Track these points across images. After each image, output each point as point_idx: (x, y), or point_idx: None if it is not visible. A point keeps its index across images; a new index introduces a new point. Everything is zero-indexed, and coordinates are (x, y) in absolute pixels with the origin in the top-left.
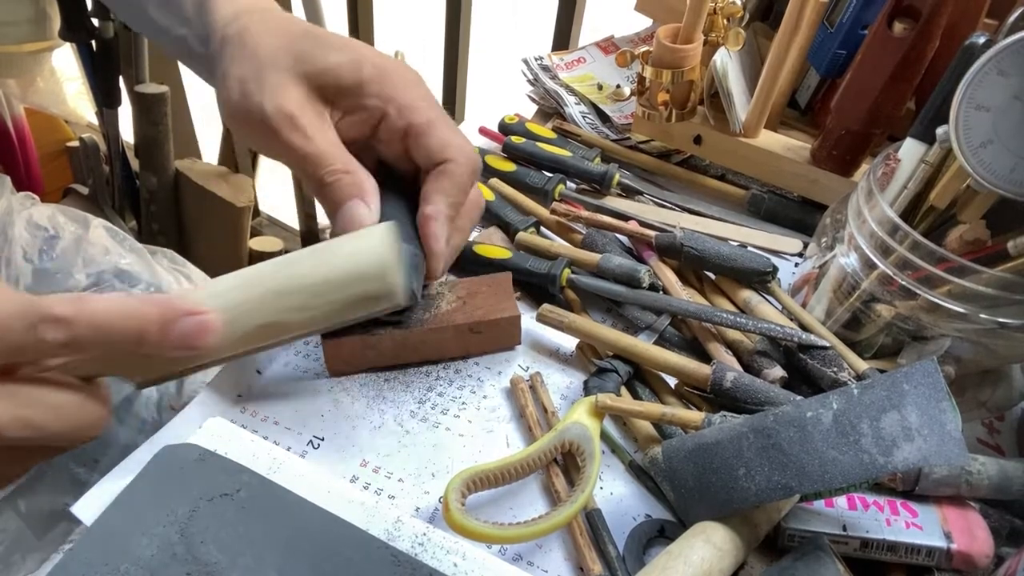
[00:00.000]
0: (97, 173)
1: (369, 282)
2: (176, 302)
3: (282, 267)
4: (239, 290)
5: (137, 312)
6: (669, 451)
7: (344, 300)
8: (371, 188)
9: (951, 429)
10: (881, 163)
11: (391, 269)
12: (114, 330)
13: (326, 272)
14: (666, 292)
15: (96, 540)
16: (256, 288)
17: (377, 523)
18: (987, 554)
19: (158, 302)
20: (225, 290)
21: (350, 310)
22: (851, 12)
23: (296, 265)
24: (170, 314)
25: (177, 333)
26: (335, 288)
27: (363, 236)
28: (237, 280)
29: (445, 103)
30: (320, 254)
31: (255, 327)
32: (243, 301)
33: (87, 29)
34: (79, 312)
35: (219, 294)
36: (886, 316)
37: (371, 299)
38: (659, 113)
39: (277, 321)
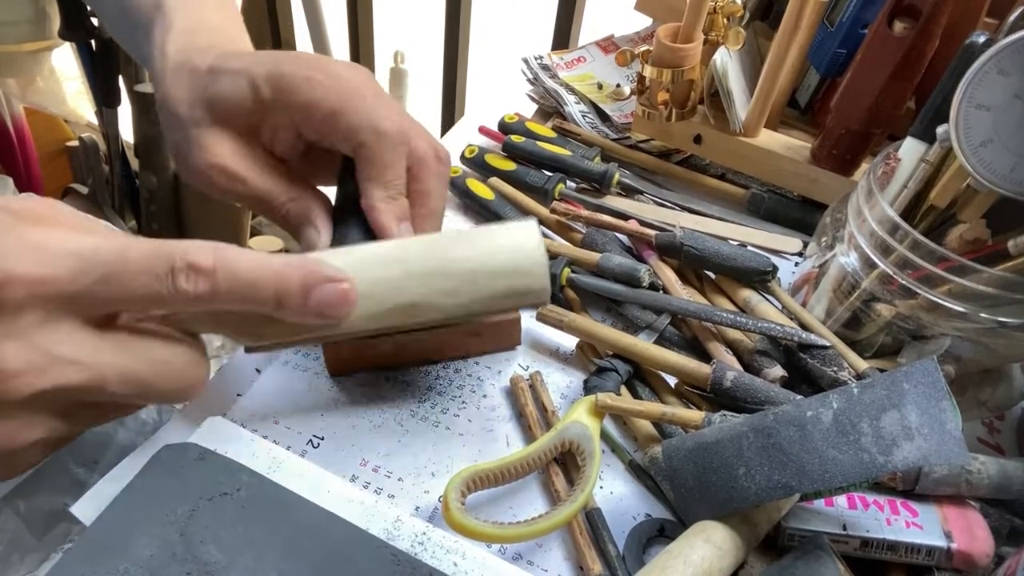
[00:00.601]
0: (97, 173)
1: (527, 277)
2: (320, 267)
3: (432, 248)
4: (387, 263)
5: (280, 271)
6: (669, 450)
7: (498, 290)
8: (318, 209)
9: (951, 428)
10: (881, 162)
11: (546, 267)
12: (256, 288)
13: (483, 260)
14: (666, 291)
15: (95, 540)
16: (402, 265)
17: (377, 522)
18: (987, 553)
19: (300, 264)
20: (366, 260)
21: (499, 301)
22: (851, 11)
23: (451, 248)
24: (313, 279)
25: (317, 300)
26: (490, 278)
27: (513, 229)
28: (379, 252)
29: (445, 102)
30: (472, 242)
31: (396, 305)
32: (388, 276)
33: (87, 28)
34: (222, 264)
35: (359, 264)
36: (886, 315)
37: (524, 294)
38: (659, 112)
39: (422, 302)
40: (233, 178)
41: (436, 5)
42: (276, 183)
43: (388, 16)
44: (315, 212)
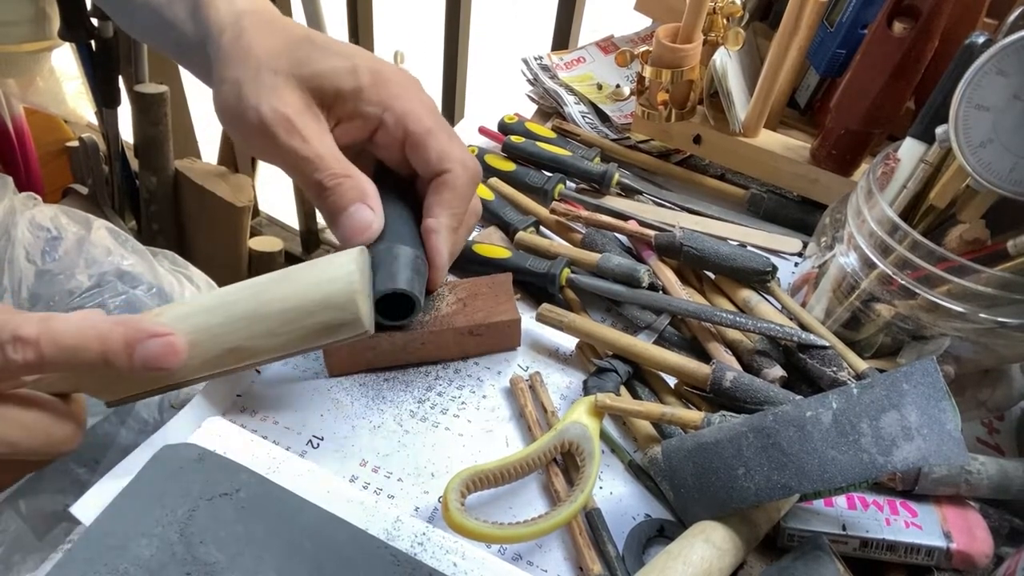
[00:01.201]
0: (97, 173)
1: (334, 311)
2: (142, 323)
3: (251, 292)
4: (207, 313)
5: (102, 333)
6: (669, 451)
7: (311, 327)
8: (373, 192)
9: (951, 429)
10: (881, 163)
11: (356, 297)
12: (80, 351)
13: (293, 299)
14: (665, 292)
15: (95, 540)
16: (224, 312)
17: (376, 523)
18: (987, 553)
19: (124, 323)
20: (193, 312)
21: (317, 337)
22: (851, 11)
23: (265, 291)
24: (135, 335)
25: (142, 355)
26: (302, 315)
27: (331, 263)
28: (205, 302)
29: (445, 103)
30: (289, 280)
31: (223, 350)
32: (211, 325)
33: (87, 29)
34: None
35: (187, 316)
36: (886, 316)
37: (336, 327)
38: (659, 113)
39: (244, 346)
40: (294, 132)
41: (436, 5)
42: (334, 153)
43: (388, 16)
44: (370, 194)
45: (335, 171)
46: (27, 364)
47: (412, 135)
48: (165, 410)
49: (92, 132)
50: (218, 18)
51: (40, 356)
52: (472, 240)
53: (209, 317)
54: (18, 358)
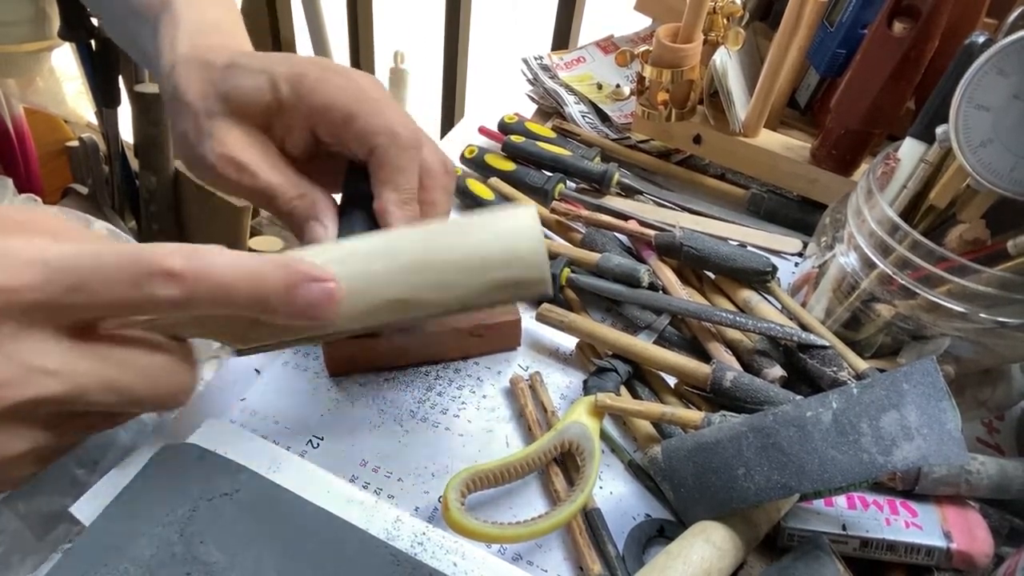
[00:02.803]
0: (97, 173)
1: (522, 267)
2: (302, 266)
3: (419, 239)
4: (372, 258)
5: (260, 273)
6: (669, 451)
7: (491, 282)
8: (325, 206)
9: (951, 428)
10: (881, 163)
11: (545, 254)
12: (233, 291)
13: (476, 249)
14: (666, 291)
15: (95, 540)
16: (389, 259)
17: (377, 523)
18: (987, 553)
19: (282, 264)
20: (351, 255)
21: (494, 293)
22: (851, 11)
23: (439, 238)
24: (295, 278)
25: (302, 301)
26: (484, 268)
27: (514, 216)
28: (368, 246)
29: (445, 103)
30: (468, 230)
31: (385, 301)
32: (374, 271)
33: (86, 29)
34: (197, 268)
35: (344, 259)
36: (886, 315)
37: (520, 284)
38: (659, 112)
39: (411, 298)
40: (243, 170)
41: (436, 5)
42: (285, 178)
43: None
44: (322, 208)
45: (288, 196)
46: (172, 301)
47: (336, 125)
48: None
49: (92, 132)
50: (162, 69)
51: (189, 294)
52: None
53: (372, 262)
54: (163, 294)
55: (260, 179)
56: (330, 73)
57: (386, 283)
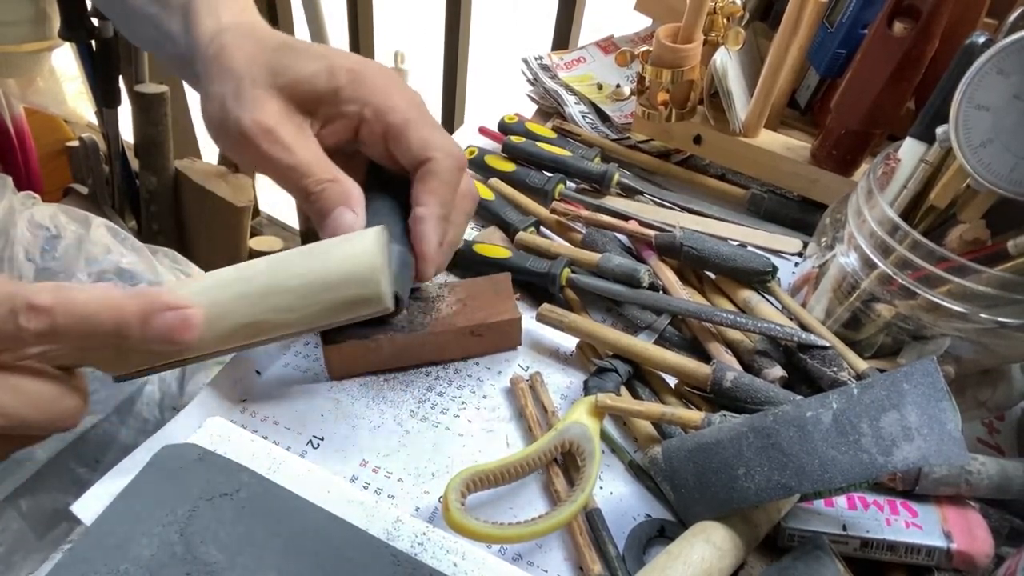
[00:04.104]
0: (97, 173)
1: (356, 286)
2: (158, 295)
3: (270, 266)
4: (225, 287)
5: (118, 304)
6: (669, 451)
7: (331, 303)
8: (357, 195)
9: (951, 429)
10: (881, 163)
11: (379, 274)
12: (94, 321)
13: (314, 274)
14: (666, 292)
15: (96, 539)
16: (242, 286)
17: (377, 523)
18: (987, 554)
19: (140, 294)
20: (210, 286)
21: (336, 313)
22: (851, 12)
23: (284, 265)
24: (151, 307)
25: (158, 327)
26: (322, 290)
27: (353, 240)
28: (223, 277)
29: (445, 103)
30: (309, 255)
31: (239, 325)
32: (228, 299)
33: (87, 29)
34: (59, 302)
35: (204, 290)
36: (886, 316)
37: (358, 303)
38: (659, 113)
39: (262, 320)
40: (276, 142)
41: (436, 5)
42: (318, 159)
43: (388, 16)
44: (353, 196)
45: (319, 177)
46: (39, 334)
47: (392, 127)
48: (166, 410)
49: (92, 132)
50: (203, 33)
51: (54, 325)
52: (473, 240)
53: (226, 291)
54: (31, 327)
55: (294, 155)
56: (389, 76)
57: (238, 309)
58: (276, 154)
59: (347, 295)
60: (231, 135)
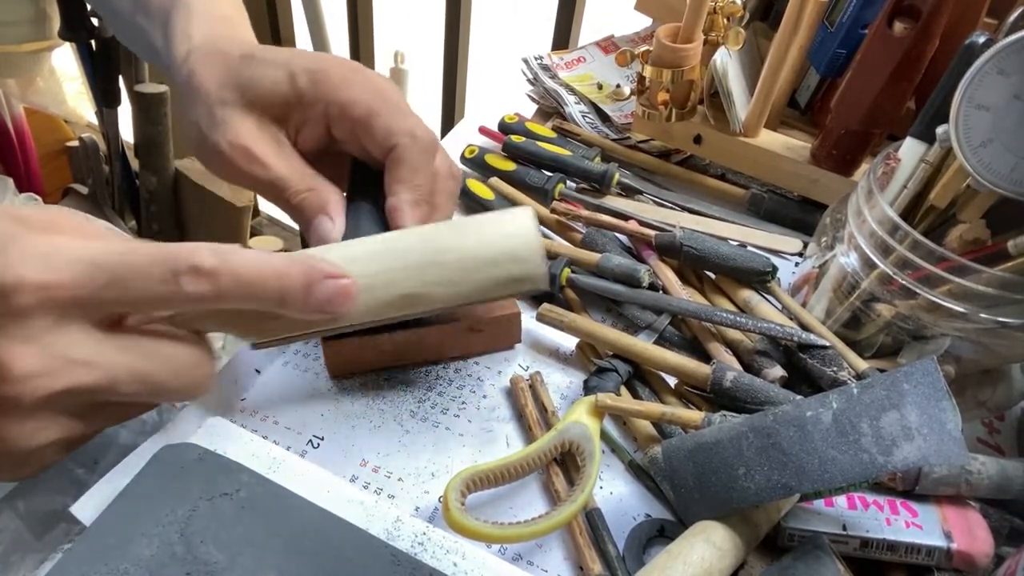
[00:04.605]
0: (97, 173)
1: (521, 264)
2: (321, 264)
3: (424, 239)
4: (382, 257)
5: (282, 270)
6: (669, 451)
7: (493, 278)
8: (334, 201)
9: (951, 428)
10: (881, 163)
11: (541, 253)
12: (259, 287)
13: (477, 249)
14: (666, 291)
15: (95, 540)
16: (397, 257)
17: (377, 523)
18: (987, 553)
19: (301, 262)
20: (363, 255)
21: (495, 289)
22: (851, 12)
23: (444, 238)
24: (314, 275)
25: (318, 296)
26: (485, 266)
27: (515, 216)
28: (378, 245)
29: (445, 103)
30: (468, 231)
31: (395, 297)
32: (385, 269)
33: (87, 29)
34: (224, 265)
35: (354, 259)
36: (886, 315)
37: (519, 280)
38: (659, 113)
39: (419, 293)
40: (254, 160)
41: (436, 5)
42: (296, 171)
43: (388, 16)
44: (331, 203)
45: (297, 188)
46: (202, 297)
47: (357, 122)
48: (165, 410)
49: (92, 132)
50: (176, 57)
51: (218, 289)
52: None
53: (382, 261)
54: (193, 290)
55: (271, 170)
56: (349, 71)
57: (397, 280)
58: (255, 172)
59: (509, 272)
60: (212, 158)
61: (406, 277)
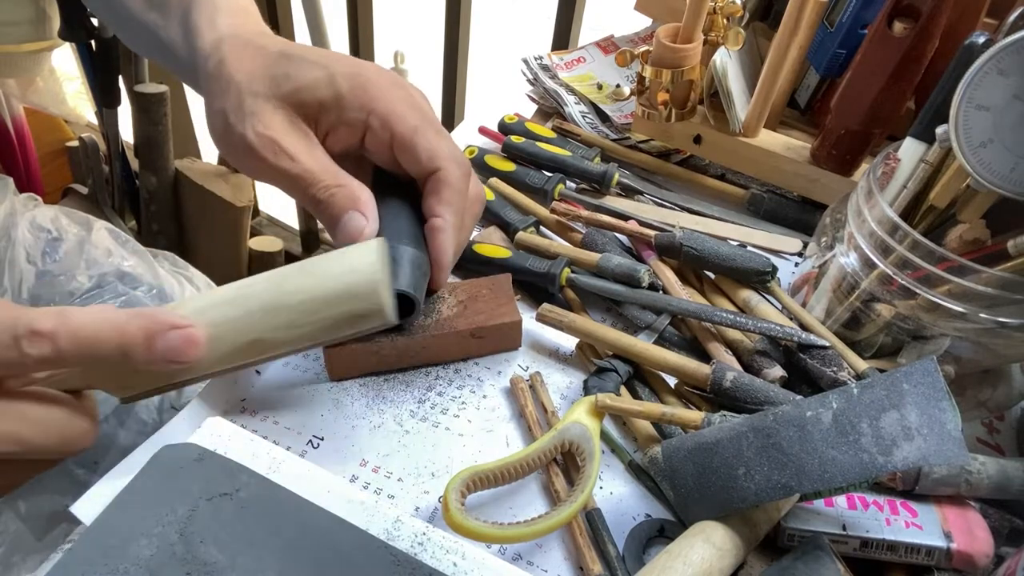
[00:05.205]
0: (97, 173)
1: (358, 301)
2: (161, 315)
3: (270, 283)
4: (226, 305)
5: (122, 326)
6: (669, 451)
7: (333, 318)
8: (366, 198)
9: (951, 428)
10: (881, 163)
11: (380, 287)
12: (98, 344)
13: (315, 290)
14: (666, 292)
15: (95, 540)
16: (243, 304)
17: (377, 523)
18: (987, 554)
19: (143, 315)
20: (211, 305)
21: (339, 328)
22: (851, 12)
23: (285, 282)
24: (155, 328)
25: (162, 347)
26: (324, 306)
27: (353, 253)
28: (224, 295)
29: (445, 103)
30: (309, 271)
31: (243, 343)
32: (230, 317)
33: (87, 29)
34: (62, 326)
35: (205, 309)
36: (886, 315)
37: (360, 317)
38: (659, 113)
39: (264, 338)
40: (281, 152)
41: (436, 5)
42: (324, 167)
43: (388, 16)
44: (362, 200)
45: (327, 183)
46: (43, 359)
47: (398, 136)
48: (165, 410)
49: (92, 132)
50: (203, 46)
51: (57, 350)
52: (472, 240)
53: (228, 309)
54: (34, 352)
55: (299, 164)
56: (390, 82)
57: (241, 327)
58: (282, 164)
59: (348, 310)
60: (237, 149)
61: (252, 323)
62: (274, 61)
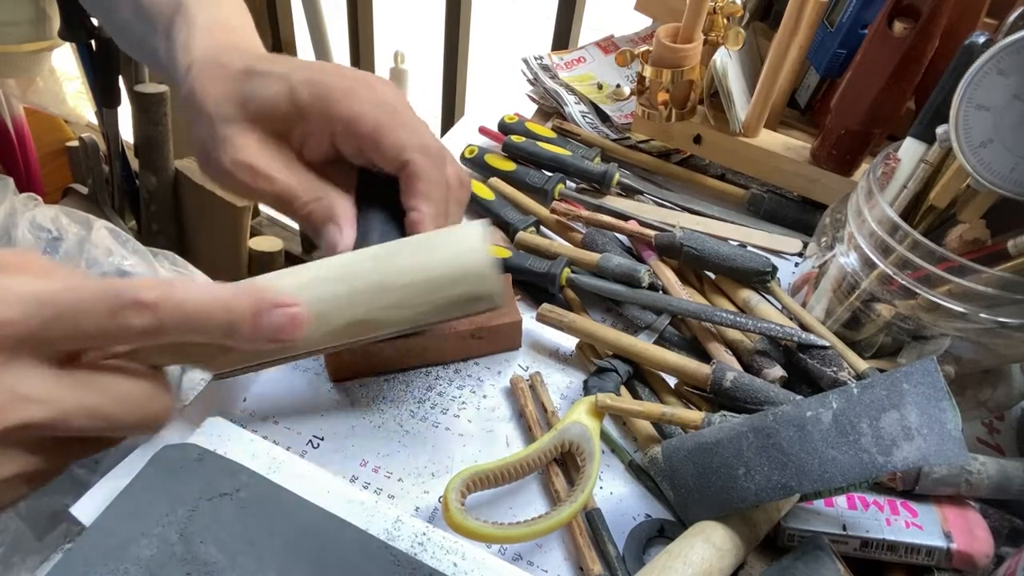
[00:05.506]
0: (97, 173)
1: (473, 284)
2: (268, 293)
3: (377, 261)
4: (332, 283)
5: (228, 302)
6: (669, 451)
7: (446, 300)
8: (343, 210)
9: (951, 428)
10: (881, 163)
11: (492, 271)
12: (203, 319)
13: (429, 271)
14: (666, 292)
15: (95, 540)
16: (348, 283)
17: (377, 523)
18: (987, 554)
19: (248, 291)
20: (314, 280)
21: (450, 309)
22: (851, 12)
23: (395, 261)
24: (261, 305)
25: (267, 325)
26: (438, 287)
27: (463, 234)
28: (327, 271)
29: (445, 103)
30: (419, 250)
31: (348, 323)
32: (336, 294)
33: (87, 29)
34: (167, 298)
35: (307, 285)
36: (886, 316)
37: (474, 300)
38: (659, 113)
39: (369, 319)
40: (259, 175)
41: (436, 5)
42: (302, 182)
43: (388, 16)
44: (339, 211)
45: (304, 199)
46: (145, 331)
47: (363, 137)
48: None
49: (92, 132)
50: (178, 69)
51: (159, 322)
52: None
53: (334, 286)
54: (137, 324)
55: (277, 184)
56: (352, 82)
57: (347, 306)
58: (261, 186)
59: (463, 292)
60: (219, 176)
61: (356, 303)
62: (239, 80)
